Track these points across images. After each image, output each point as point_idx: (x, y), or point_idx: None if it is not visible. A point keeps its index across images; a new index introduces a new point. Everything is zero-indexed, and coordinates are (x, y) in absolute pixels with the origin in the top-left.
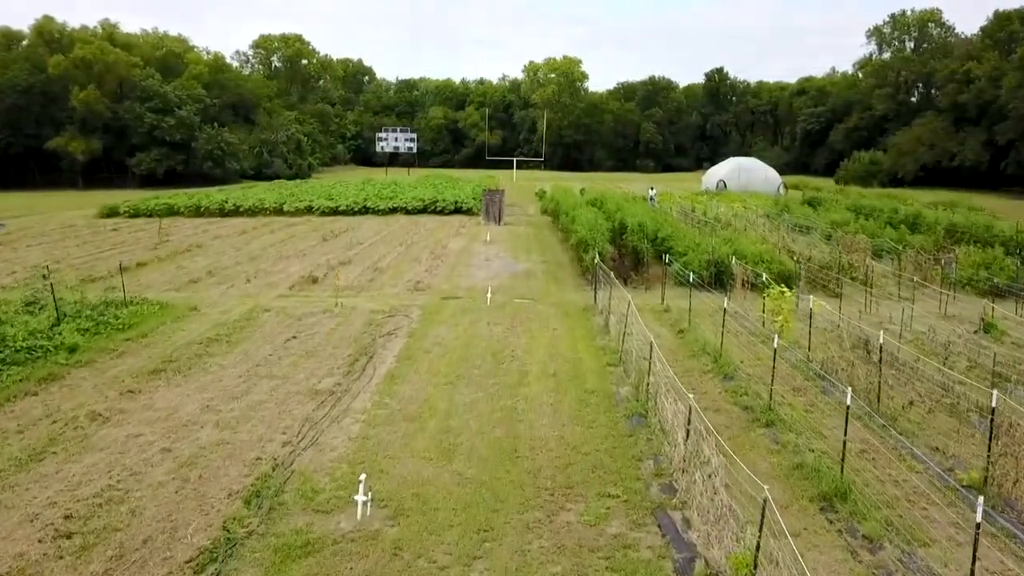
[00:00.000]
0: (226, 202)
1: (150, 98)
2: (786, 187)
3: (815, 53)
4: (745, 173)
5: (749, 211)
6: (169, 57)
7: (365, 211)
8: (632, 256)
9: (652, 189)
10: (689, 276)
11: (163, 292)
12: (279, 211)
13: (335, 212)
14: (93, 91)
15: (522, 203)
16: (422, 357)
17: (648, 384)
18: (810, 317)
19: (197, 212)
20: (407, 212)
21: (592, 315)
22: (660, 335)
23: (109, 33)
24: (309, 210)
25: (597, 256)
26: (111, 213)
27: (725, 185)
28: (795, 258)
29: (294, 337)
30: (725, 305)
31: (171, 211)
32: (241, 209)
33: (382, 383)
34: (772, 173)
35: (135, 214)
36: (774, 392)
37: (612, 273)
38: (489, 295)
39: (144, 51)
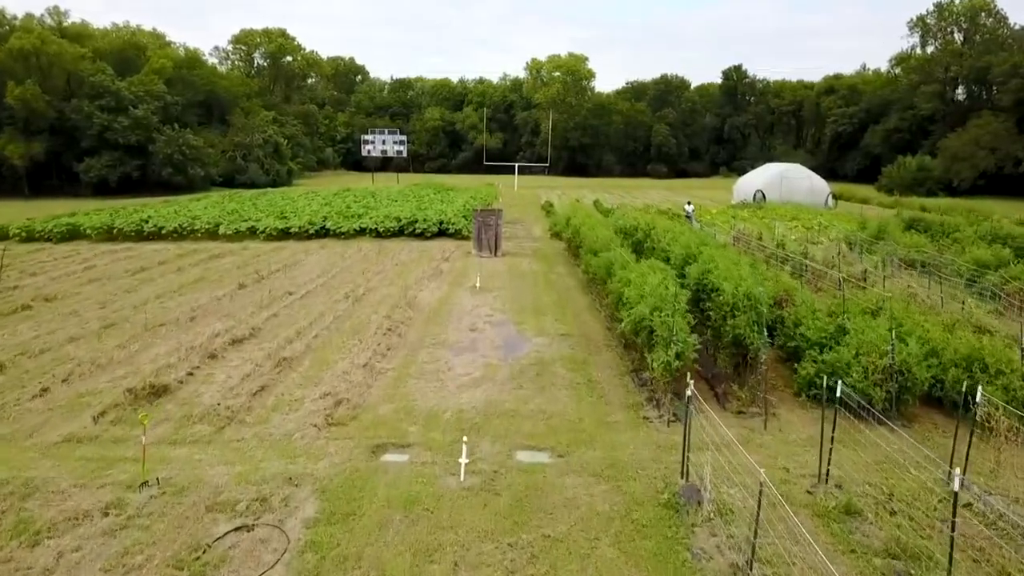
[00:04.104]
0: (147, 222)
1: (101, 95)
2: (835, 198)
3: (831, 52)
4: (787, 182)
5: (816, 232)
6: (128, 50)
7: (323, 233)
8: (730, 349)
9: (689, 204)
10: (846, 393)
11: None
12: (213, 234)
13: (285, 235)
14: (32, 87)
15: (525, 219)
16: None
17: None
18: None
19: (109, 235)
20: (377, 235)
21: (691, 523)
22: None
23: (58, 23)
24: (252, 232)
25: (675, 362)
26: None
27: (764, 196)
28: None
29: None
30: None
31: (75, 234)
32: (164, 231)
33: None
34: (818, 181)
35: (30, 237)
36: None
37: (690, 384)
38: (465, 449)
39: (103, 43)
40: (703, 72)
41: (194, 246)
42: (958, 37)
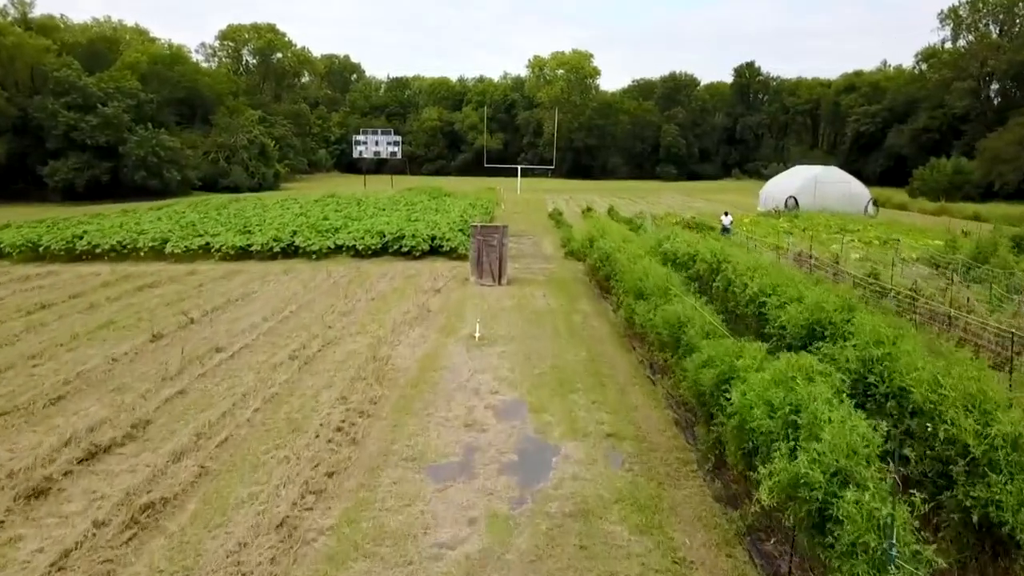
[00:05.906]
0: (80, 238)
1: (67, 92)
2: (876, 205)
3: (831, 52)
4: (821, 187)
5: (881, 249)
6: (99, 43)
7: (291, 252)
8: (962, 529)
9: (726, 215)
10: None
11: None
12: (159, 252)
13: (244, 254)
14: None
15: (533, 231)
16: None
17: None
18: None
19: (34, 255)
20: (355, 254)
21: None
22: None
23: (23, 13)
24: (205, 251)
25: None
26: None
27: (797, 203)
28: None
29: None
30: None
31: None
32: (100, 250)
33: None
34: (857, 186)
35: None
36: None
37: None
38: None
39: (81, 37)
40: (704, 73)
41: (131, 269)
42: (993, 30)
